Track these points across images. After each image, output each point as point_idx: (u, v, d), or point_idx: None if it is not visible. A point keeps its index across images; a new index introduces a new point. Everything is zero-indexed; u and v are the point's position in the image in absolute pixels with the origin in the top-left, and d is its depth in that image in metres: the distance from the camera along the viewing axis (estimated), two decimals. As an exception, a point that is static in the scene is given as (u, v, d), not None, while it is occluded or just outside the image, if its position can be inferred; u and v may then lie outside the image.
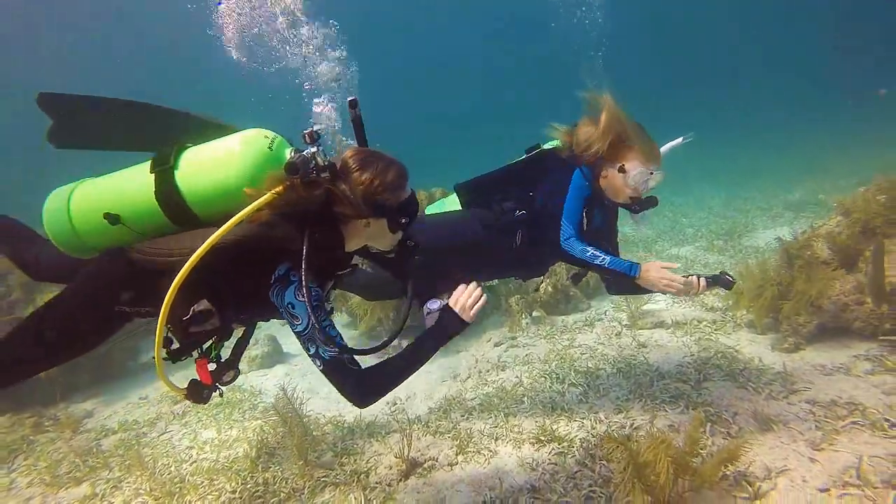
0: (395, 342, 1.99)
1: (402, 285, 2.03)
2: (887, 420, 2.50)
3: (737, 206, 9.16)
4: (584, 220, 2.72)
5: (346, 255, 1.94)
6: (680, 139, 2.88)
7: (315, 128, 1.70)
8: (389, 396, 3.92)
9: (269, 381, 4.81)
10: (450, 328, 1.91)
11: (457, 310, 1.92)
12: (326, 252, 1.77)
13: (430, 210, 3.13)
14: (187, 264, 1.58)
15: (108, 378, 5.34)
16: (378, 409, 3.73)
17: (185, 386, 1.97)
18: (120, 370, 5.48)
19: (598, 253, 2.60)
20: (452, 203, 3.00)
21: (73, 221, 1.87)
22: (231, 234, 1.61)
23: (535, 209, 2.75)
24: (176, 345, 1.85)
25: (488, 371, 4.00)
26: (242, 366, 4.57)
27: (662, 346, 3.98)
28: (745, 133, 23.30)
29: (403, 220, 1.84)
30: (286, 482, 2.92)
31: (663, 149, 2.74)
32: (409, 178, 1.85)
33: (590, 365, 3.78)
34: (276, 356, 5.35)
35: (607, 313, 4.82)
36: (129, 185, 1.83)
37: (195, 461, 3.44)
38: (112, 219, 1.79)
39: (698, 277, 2.55)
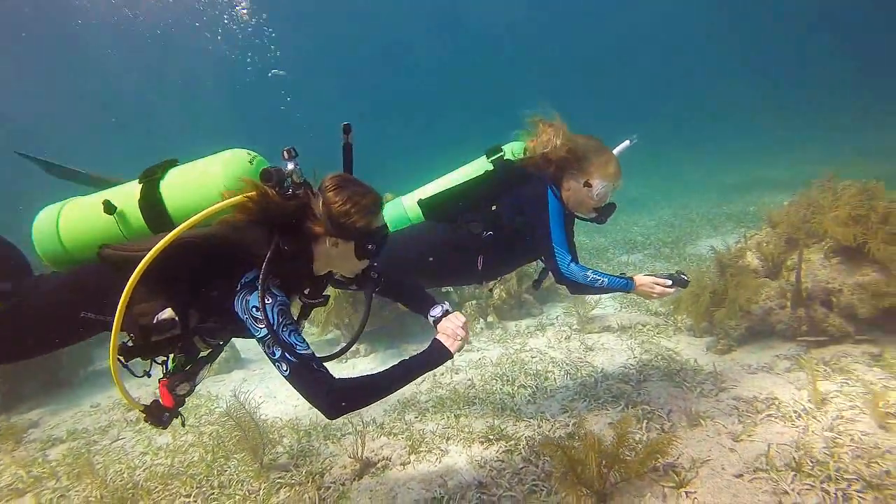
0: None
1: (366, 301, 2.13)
2: (795, 411, 2.78)
3: (684, 215, 9.64)
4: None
5: (314, 278, 1.96)
6: (627, 142, 2.98)
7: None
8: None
9: (227, 387, 4.80)
10: (436, 358, 1.96)
11: (444, 342, 2.00)
12: (292, 263, 1.79)
13: (387, 209, 3.01)
14: (150, 253, 1.60)
15: (57, 387, 5.21)
16: (335, 413, 3.82)
17: (147, 404, 1.97)
18: (71, 378, 5.35)
19: (596, 276, 2.63)
20: (408, 203, 2.95)
21: (62, 235, 1.97)
22: (199, 232, 1.67)
23: (500, 226, 2.74)
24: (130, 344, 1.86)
25: (442, 374, 4.14)
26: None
27: (608, 349, 4.22)
28: (696, 142, 24.27)
29: (371, 247, 1.86)
30: (242, 485, 2.98)
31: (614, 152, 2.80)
32: (382, 209, 1.91)
33: (539, 368, 3.97)
34: (233, 362, 5.34)
35: (558, 318, 5.04)
36: (117, 194, 1.93)
37: (149, 467, 3.44)
38: (109, 207, 1.87)
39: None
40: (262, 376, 4.93)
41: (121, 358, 1.82)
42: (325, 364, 1.79)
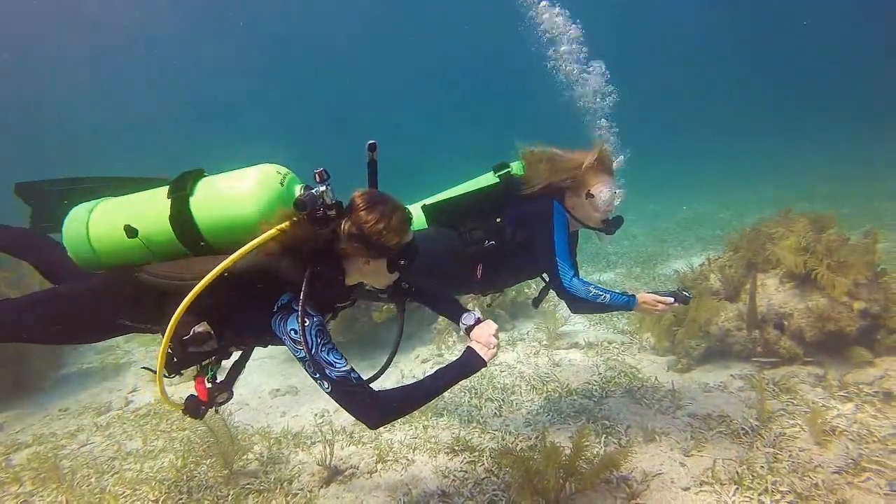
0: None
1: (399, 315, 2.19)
2: (743, 429, 2.95)
3: (656, 235, 9.93)
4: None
5: (345, 289, 2.02)
6: (620, 157, 3.04)
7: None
8: (318, 407, 4.12)
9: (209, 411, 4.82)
10: (471, 366, 2.02)
11: (478, 350, 2.06)
12: (327, 285, 1.85)
13: None
14: (196, 288, 1.67)
15: (24, 391, 5.14)
16: (306, 421, 3.89)
17: (183, 400, 2.09)
18: (40, 382, 5.29)
19: (599, 292, 2.61)
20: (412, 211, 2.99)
21: (91, 237, 1.96)
22: (239, 263, 1.71)
23: (503, 238, 2.76)
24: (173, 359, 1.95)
25: (414, 386, 4.24)
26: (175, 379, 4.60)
27: (574, 364, 4.37)
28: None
29: (402, 263, 1.91)
30: (210, 490, 3.03)
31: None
32: (411, 224, 1.94)
33: (507, 382, 4.10)
34: (207, 369, 5.34)
35: (529, 333, 5.19)
36: (147, 206, 1.93)
37: (118, 472, 3.45)
38: (130, 231, 1.87)
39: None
40: (236, 384, 4.95)
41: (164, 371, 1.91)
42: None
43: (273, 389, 4.63)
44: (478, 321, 2.21)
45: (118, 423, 4.32)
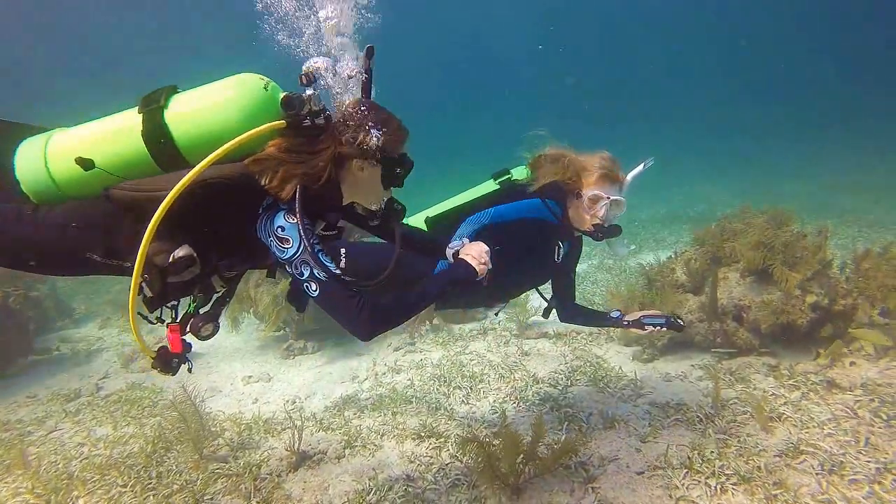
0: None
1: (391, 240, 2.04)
2: (698, 416, 3.09)
3: (631, 229, 10.11)
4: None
5: (338, 198, 1.87)
6: (641, 166, 2.93)
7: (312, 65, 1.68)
8: (290, 394, 4.17)
9: (172, 379, 4.82)
10: (462, 273, 1.95)
11: (469, 261, 1.98)
12: (320, 188, 1.72)
13: None
14: (171, 193, 1.50)
15: (-9, 376, 5.09)
16: (277, 407, 3.93)
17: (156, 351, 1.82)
18: (6, 369, 5.22)
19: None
20: (415, 223, 2.86)
21: (51, 169, 1.71)
22: (221, 170, 1.58)
23: (507, 241, 2.58)
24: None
25: (384, 374, 4.31)
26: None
27: (543, 354, 4.49)
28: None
29: (398, 171, 1.82)
30: (180, 475, 3.07)
31: (627, 177, 2.71)
32: (408, 136, 1.85)
33: (476, 370, 4.20)
34: (180, 356, 5.34)
35: (500, 323, 5.29)
36: (114, 126, 1.71)
37: (86, 458, 3.47)
38: (85, 163, 1.63)
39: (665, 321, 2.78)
40: (209, 370, 4.98)
41: (140, 312, 1.71)
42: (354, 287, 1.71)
43: (246, 376, 4.66)
44: (464, 245, 2.13)
45: (88, 409, 4.31)
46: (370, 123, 1.71)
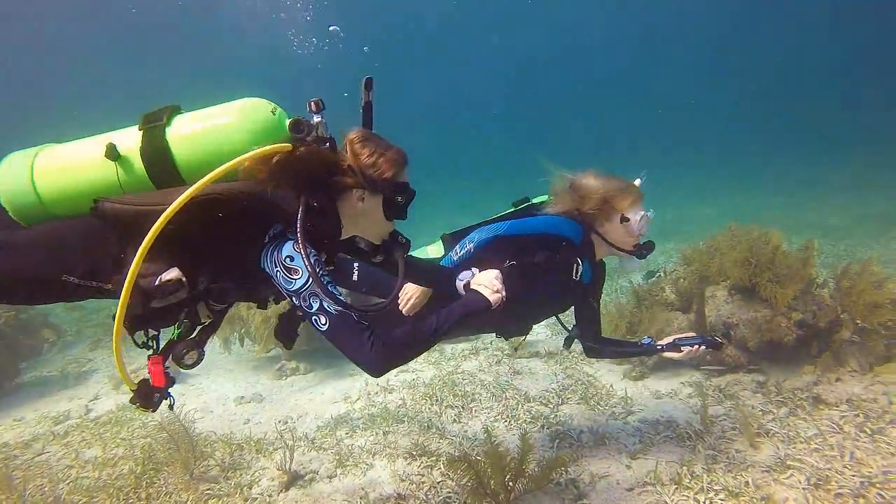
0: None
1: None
2: (687, 433, 3.12)
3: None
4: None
5: (338, 230, 1.81)
6: (637, 181, 2.91)
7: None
8: (282, 414, 4.16)
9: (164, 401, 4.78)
10: (473, 303, 1.89)
11: (481, 290, 1.92)
12: (321, 219, 1.69)
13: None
14: (171, 207, 1.42)
15: (-24, 399, 5.03)
16: (269, 427, 3.91)
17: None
18: (-7, 390, 5.18)
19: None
20: (432, 249, 2.82)
21: (37, 185, 1.66)
22: (223, 187, 1.52)
23: (522, 259, 2.54)
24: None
25: (377, 393, 4.31)
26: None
27: (534, 373, 4.50)
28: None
29: (399, 200, 1.77)
30: (170, 496, 3.04)
31: None
32: (408, 166, 1.82)
33: (468, 389, 4.20)
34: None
35: (492, 343, 5.30)
36: (112, 143, 1.64)
37: (74, 480, 3.42)
38: (112, 151, 1.59)
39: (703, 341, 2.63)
40: (200, 391, 4.95)
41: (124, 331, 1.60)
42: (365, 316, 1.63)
43: (238, 397, 4.64)
44: (474, 275, 2.08)
45: (77, 431, 4.26)
46: (368, 152, 1.72)
